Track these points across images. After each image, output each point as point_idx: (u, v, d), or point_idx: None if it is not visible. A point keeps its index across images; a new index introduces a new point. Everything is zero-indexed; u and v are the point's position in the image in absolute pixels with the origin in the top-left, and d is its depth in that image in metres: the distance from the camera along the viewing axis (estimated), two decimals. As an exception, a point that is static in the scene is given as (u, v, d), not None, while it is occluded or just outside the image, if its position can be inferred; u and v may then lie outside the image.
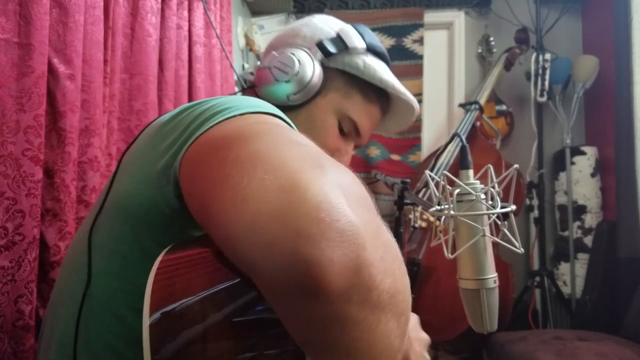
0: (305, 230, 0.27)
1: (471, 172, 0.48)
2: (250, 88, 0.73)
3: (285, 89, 0.67)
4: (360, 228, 0.28)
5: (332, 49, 0.70)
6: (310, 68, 0.67)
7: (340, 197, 0.29)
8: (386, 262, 0.30)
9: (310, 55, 0.69)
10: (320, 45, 0.70)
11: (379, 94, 0.74)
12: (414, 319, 0.54)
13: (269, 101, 0.69)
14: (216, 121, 0.42)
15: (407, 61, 2.45)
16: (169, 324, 0.33)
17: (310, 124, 0.70)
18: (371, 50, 0.72)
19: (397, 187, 0.93)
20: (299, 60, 0.67)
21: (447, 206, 0.46)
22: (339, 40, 0.71)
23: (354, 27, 0.73)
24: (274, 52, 0.71)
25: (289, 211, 0.28)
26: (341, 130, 0.73)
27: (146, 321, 0.32)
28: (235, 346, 0.35)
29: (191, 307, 0.34)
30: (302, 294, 0.27)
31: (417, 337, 0.50)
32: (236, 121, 0.41)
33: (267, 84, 0.69)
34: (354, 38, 0.71)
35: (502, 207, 0.45)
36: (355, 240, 0.28)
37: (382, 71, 0.72)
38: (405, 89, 0.75)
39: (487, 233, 0.45)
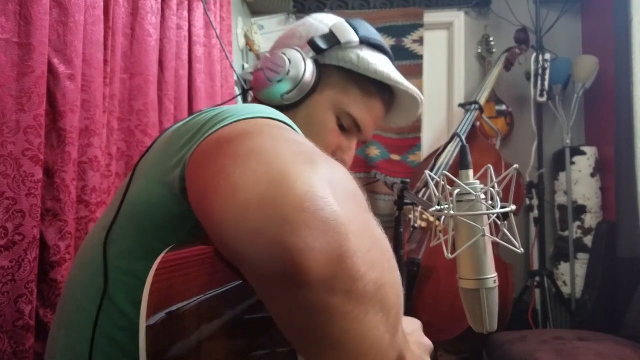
0: (289, 219, 0.28)
1: (471, 172, 0.48)
2: (247, 91, 0.75)
3: (279, 89, 0.68)
4: (344, 219, 0.29)
5: (323, 45, 0.70)
6: (302, 66, 0.68)
7: (326, 189, 0.30)
8: (373, 254, 0.30)
9: (301, 53, 0.69)
10: (312, 43, 0.70)
11: (380, 88, 0.74)
12: (416, 324, 0.54)
13: (265, 102, 0.69)
14: (225, 123, 0.44)
15: (407, 61, 2.45)
16: (165, 326, 0.33)
17: (309, 121, 0.70)
18: (366, 43, 0.72)
19: (397, 187, 0.93)
20: (289, 59, 0.68)
21: (447, 206, 0.46)
22: (331, 36, 0.71)
23: (348, 21, 0.73)
24: (266, 54, 0.71)
25: (276, 201, 0.29)
26: (342, 127, 0.73)
27: (143, 323, 0.32)
28: (230, 349, 0.35)
29: (188, 310, 0.34)
30: (285, 281, 0.28)
31: (418, 341, 0.49)
32: (242, 123, 0.43)
33: (261, 86, 0.69)
34: (347, 32, 0.70)
35: (502, 207, 0.45)
36: (339, 229, 0.28)
37: (377, 63, 0.71)
38: (407, 81, 0.74)
39: (487, 233, 0.45)
